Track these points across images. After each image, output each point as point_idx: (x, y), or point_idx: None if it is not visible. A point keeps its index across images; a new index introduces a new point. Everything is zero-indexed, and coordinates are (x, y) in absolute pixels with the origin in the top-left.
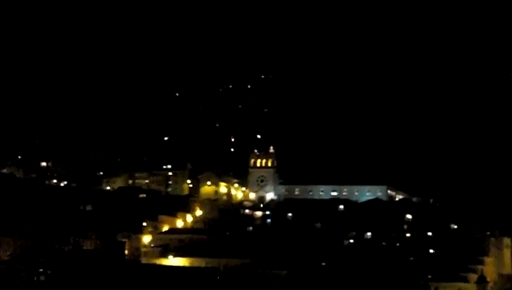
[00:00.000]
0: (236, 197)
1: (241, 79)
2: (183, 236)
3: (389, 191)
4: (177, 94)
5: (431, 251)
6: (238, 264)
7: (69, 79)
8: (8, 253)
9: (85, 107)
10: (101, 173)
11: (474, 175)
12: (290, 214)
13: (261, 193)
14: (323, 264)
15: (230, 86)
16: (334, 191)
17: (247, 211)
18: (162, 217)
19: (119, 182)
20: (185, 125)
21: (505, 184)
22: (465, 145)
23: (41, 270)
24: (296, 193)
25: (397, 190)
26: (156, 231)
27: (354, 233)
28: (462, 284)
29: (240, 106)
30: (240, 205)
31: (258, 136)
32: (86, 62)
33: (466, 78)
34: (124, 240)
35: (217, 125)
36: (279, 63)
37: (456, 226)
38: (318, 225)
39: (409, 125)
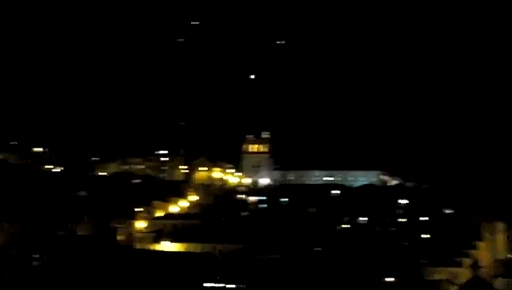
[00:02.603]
0: (231, 183)
1: (235, 64)
2: (177, 221)
3: (383, 177)
4: (172, 79)
5: (425, 235)
6: (232, 249)
7: (63, 64)
8: (2, 239)
9: (78, 93)
10: (95, 158)
11: (468, 160)
12: (284, 199)
13: (255, 178)
14: (318, 249)
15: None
16: (328, 176)
17: (241, 196)
18: (156, 203)
19: (113, 168)
20: (180, 110)
21: (499, 169)
22: (459, 130)
23: (35, 256)
24: (291, 178)
25: (391, 175)
26: (150, 217)
27: (348, 218)
28: (455, 269)
29: (234, 91)
30: (234, 190)
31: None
32: (79, 48)
33: (459, 62)
34: (117, 225)
35: (211, 110)
36: (274, 48)
37: (450, 211)
38: (312, 210)
39: (403, 110)
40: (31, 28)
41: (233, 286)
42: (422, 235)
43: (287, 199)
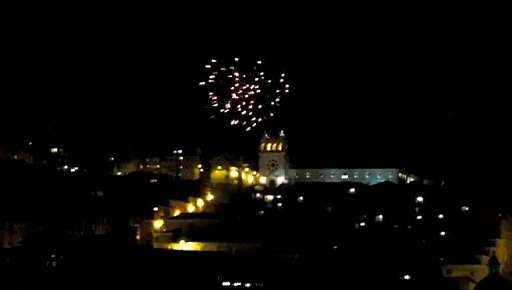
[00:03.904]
0: (247, 182)
1: (250, 63)
2: (195, 221)
3: (400, 174)
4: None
5: (442, 233)
6: (249, 248)
7: (79, 64)
8: (20, 239)
9: (95, 93)
10: (112, 158)
11: (485, 157)
12: (301, 198)
13: (272, 177)
14: (335, 247)
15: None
16: (345, 174)
17: (258, 195)
18: (173, 202)
19: (130, 168)
20: (196, 110)
21: None
22: (476, 128)
23: (53, 255)
24: (307, 176)
25: (408, 172)
26: (167, 216)
27: (365, 216)
28: (474, 266)
29: (250, 91)
30: (251, 189)
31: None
32: (96, 48)
33: (478, 58)
34: (135, 225)
35: (228, 110)
36: (290, 48)
37: (467, 208)
38: (329, 208)
39: (420, 108)
40: (53, 33)
41: (251, 284)
42: (440, 233)
43: (302, 198)
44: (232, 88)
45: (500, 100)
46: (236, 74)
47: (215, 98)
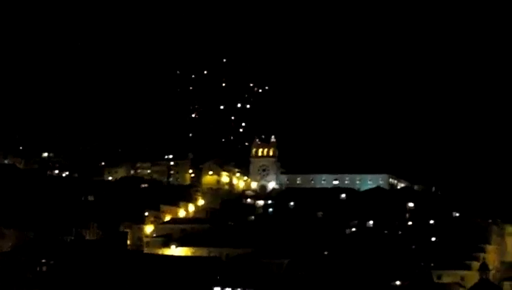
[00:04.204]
0: (238, 187)
1: (241, 69)
2: (186, 226)
3: (390, 180)
4: (178, 86)
5: (433, 238)
6: (240, 254)
7: (70, 69)
8: (10, 244)
9: (86, 98)
10: (103, 163)
11: (476, 163)
12: (292, 203)
13: (262, 182)
14: (326, 252)
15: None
16: (335, 179)
17: (249, 200)
18: (164, 207)
19: (120, 172)
20: (186, 115)
21: (507, 172)
22: (466, 133)
23: (43, 261)
24: (298, 182)
25: (399, 178)
26: (158, 221)
27: (356, 221)
28: (464, 272)
29: (240, 96)
30: (242, 194)
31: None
32: (85, 52)
33: (467, 63)
34: (126, 230)
35: (218, 115)
36: (281, 53)
37: (458, 214)
38: (320, 213)
39: (410, 113)
40: (41, 30)
41: (241, 289)
42: (431, 238)
43: (293, 203)
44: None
45: (491, 105)
46: None
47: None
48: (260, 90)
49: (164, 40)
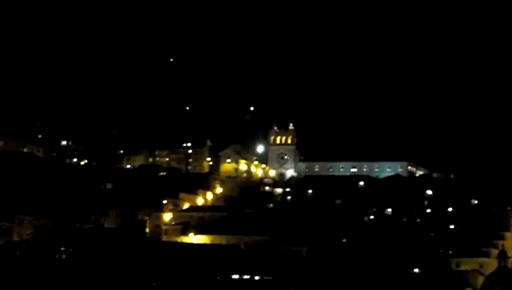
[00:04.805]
0: (257, 175)
1: (259, 55)
2: (204, 214)
3: (409, 167)
4: (195, 72)
5: (452, 226)
6: (258, 241)
7: (89, 57)
8: (29, 232)
9: (104, 86)
10: (121, 151)
11: (494, 150)
12: (310, 191)
13: (281, 170)
14: (344, 240)
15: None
16: (354, 167)
17: (267, 188)
18: (182, 195)
19: (139, 160)
20: (205, 103)
21: None
22: (486, 121)
23: (62, 249)
24: (316, 169)
25: (417, 165)
26: (176, 209)
27: (374, 209)
28: (483, 259)
29: (258, 83)
30: (260, 182)
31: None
32: (104, 41)
33: (483, 48)
34: (144, 218)
35: (236, 102)
36: (297, 40)
37: (476, 202)
38: (338, 201)
39: (430, 100)
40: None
41: (260, 277)
42: (449, 226)
43: (312, 191)
44: None
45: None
46: None
47: None
48: (277, 78)
49: (177, 24)
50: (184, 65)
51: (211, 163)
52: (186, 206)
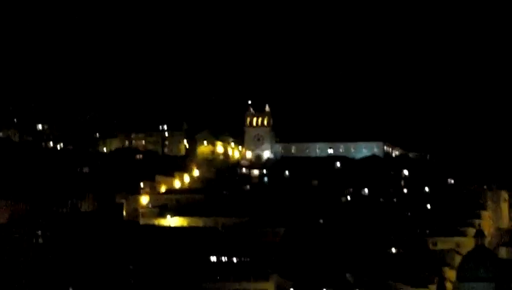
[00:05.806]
0: (233, 157)
1: (235, 36)
2: (181, 196)
3: (385, 147)
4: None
5: (428, 206)
6: (236, 223)
7: (64, 41)
8: (6, 216)
9: (80, 69)
10: (98, 134)
11: (470, 129)
12: (287, 172)
13: (257, 152)
14: (321, 221)
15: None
16: (330, 148)
17: (244, 170)
18: (159, 178)
19: (115, 144)
20: (180, 85)
21: (501, 138)
22: (461, 100)
23: (39, 233)
24: (293, 151)
25: (394, 145)
26: (153, 192)
27: (351, 190)
28: (460, 239)
29: (234, 65)
30: (237, 164)
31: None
32: (80, 25)
33: (461, 33)
34: (121, 201)
35: (212, 84)
36: (275, 22)
37: (453, 181)
38: (315, 182)
39: (404, 80)
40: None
41: (238, 259)
42: (426, 206)
43: (288, 172)
44: None
45: (486, 71)
46: None
47: None
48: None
49: (157, 10)
50: (159, 47)
51: (187, 146)
52: (163, 189)
